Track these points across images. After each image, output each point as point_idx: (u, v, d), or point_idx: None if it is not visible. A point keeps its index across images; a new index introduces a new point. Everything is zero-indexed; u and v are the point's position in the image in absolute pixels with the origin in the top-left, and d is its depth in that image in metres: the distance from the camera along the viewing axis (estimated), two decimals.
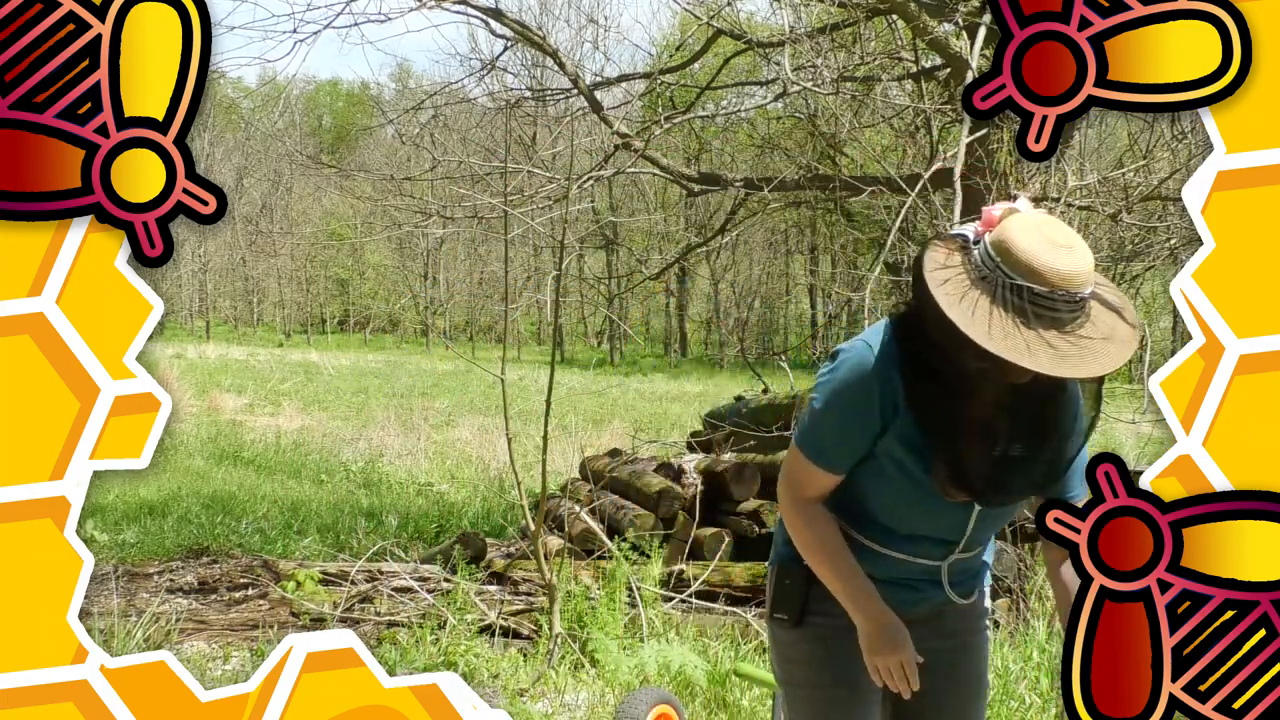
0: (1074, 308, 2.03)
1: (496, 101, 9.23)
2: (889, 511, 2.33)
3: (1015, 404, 2.18)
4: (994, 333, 2.01)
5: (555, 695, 5.00)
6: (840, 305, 9.85)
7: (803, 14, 8.28)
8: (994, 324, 2.02)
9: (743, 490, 6.96)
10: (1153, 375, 1.93)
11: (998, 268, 2.06)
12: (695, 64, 10.36)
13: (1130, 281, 11.14)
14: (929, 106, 7.95)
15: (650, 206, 23.19)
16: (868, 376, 2.22)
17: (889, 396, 2.21)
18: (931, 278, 2.09)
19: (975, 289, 2.06)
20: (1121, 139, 9.93)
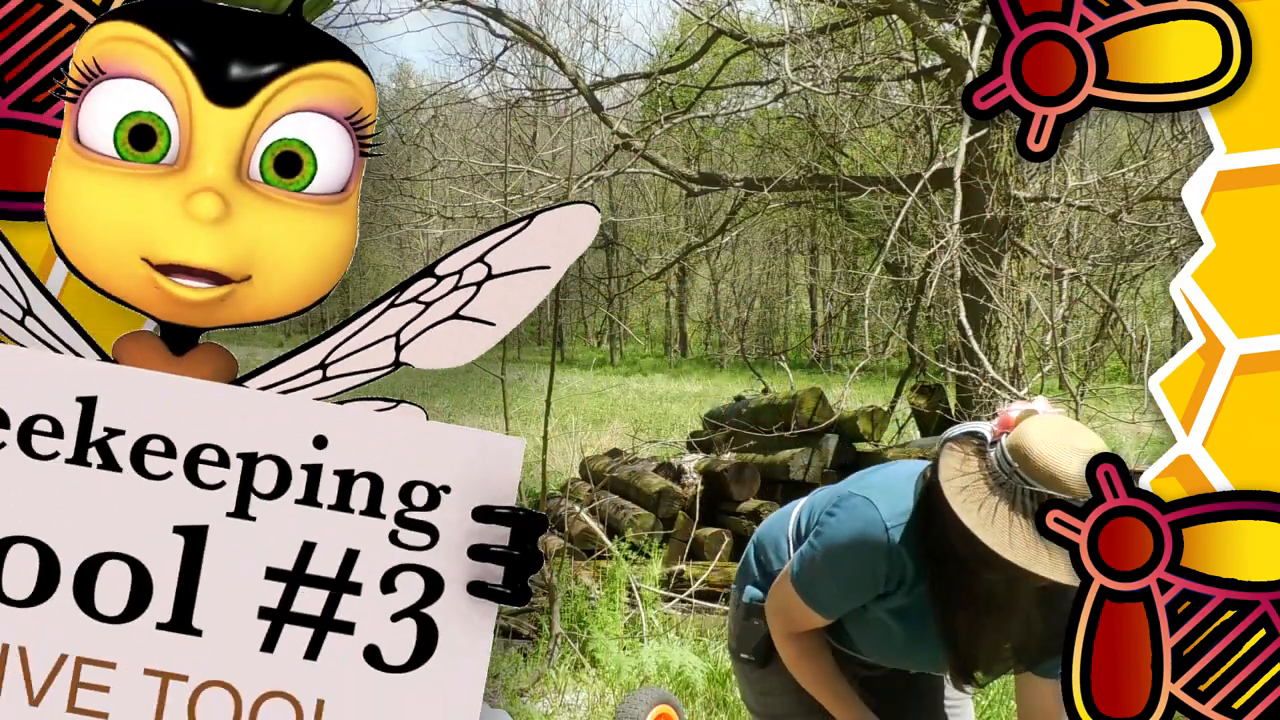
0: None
1: (496, 101, 9.23)
2: (872, 651, 2.31)
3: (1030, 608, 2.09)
4: (1015, 542, 1.93)
5: (555, 695, 5.00)
6: (840, 305, 9.84)
7: (803, 14, 8.29)
8: (1014, 533, 1.94)
9: (743, 490, 6.96)
10: (1153, 375, 1.93)
11: (1015, 473, 1.97)
12: (695, 64, 10.36)
13: (1130, 281, 11.15)
14: (929, 106, 7.96)
15: (650, 206, 23.22)
16: (875, 554, 2.11)
17: (895, 575, 2.12)
18: (949, 485, 1.98)
19: (994, 495, 1.97)
20: (1121, 139, 9.94)
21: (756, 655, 2.39)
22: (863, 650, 2.32)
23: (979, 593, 2.05)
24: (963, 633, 2.11)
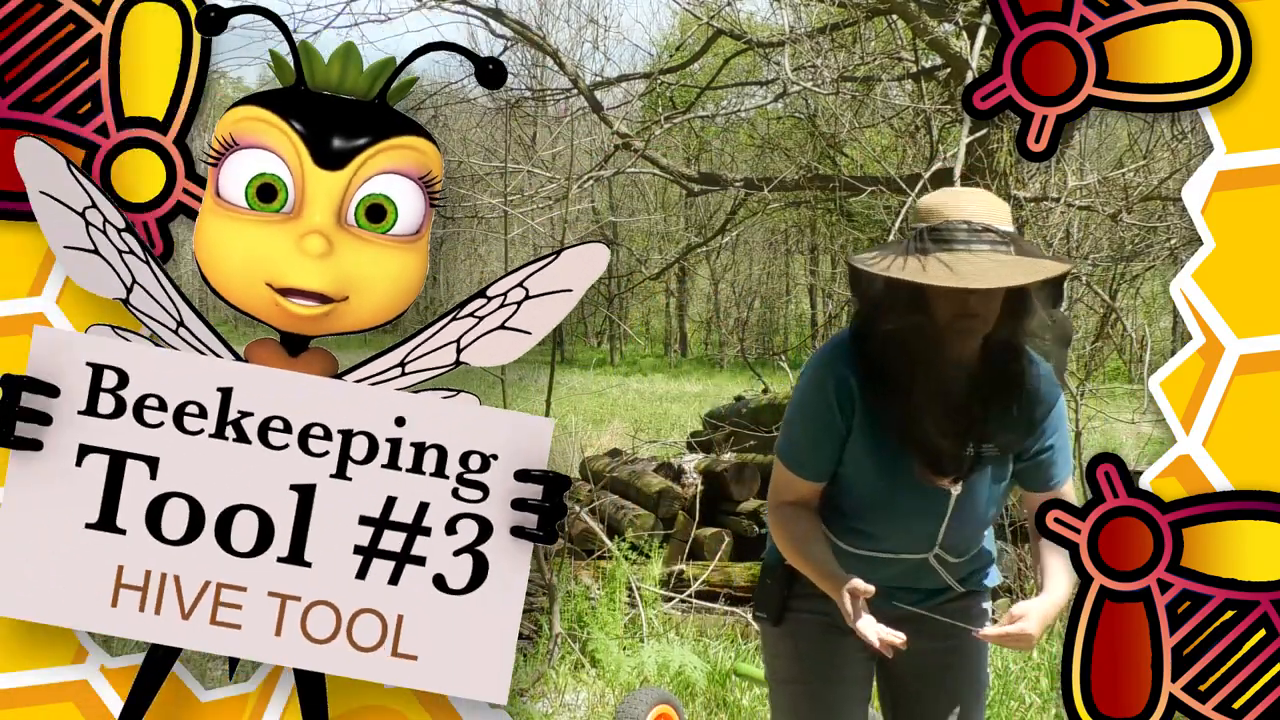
0: (971, 236, 2.12)
1: (496, 101, 9.23)
2: (864, 515, 2.34)
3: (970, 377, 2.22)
4: (894, 268, 2.14)
5: (555, 695, 5.00)
6: (840, 305, 9.86)
7: (803, 14, 8.28)
8: (897, 265, 2.14)
9: (743, 490, 6.96)
10: (1153, 375, 1.93)
11: (911, 230, 2.20)
12: (695, 64, 10.35)
13: (1130, 281, 11.14)
14: (929, 106, 7.95)
15: (650, 206, 23.20)
16: (822, 375, 2.28)
17: (845, 392, 2.25)
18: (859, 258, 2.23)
19: (892, 253, 2.18)
20: (1121, 139, 9.94)
21: (769, 614, 2.46)
22: (864, 518, 2.34)
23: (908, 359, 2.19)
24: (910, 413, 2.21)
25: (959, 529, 2.36)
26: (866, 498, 2.33)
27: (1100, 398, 8.12)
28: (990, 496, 2.38)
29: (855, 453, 2.29)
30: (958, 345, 2.20)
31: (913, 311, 2.18)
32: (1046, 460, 2.35)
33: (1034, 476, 2.37)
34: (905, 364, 2.20)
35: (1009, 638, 2.19)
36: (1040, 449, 2.34)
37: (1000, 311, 2.19)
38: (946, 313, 2.17)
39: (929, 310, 2.17)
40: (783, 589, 2.44)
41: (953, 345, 2.20)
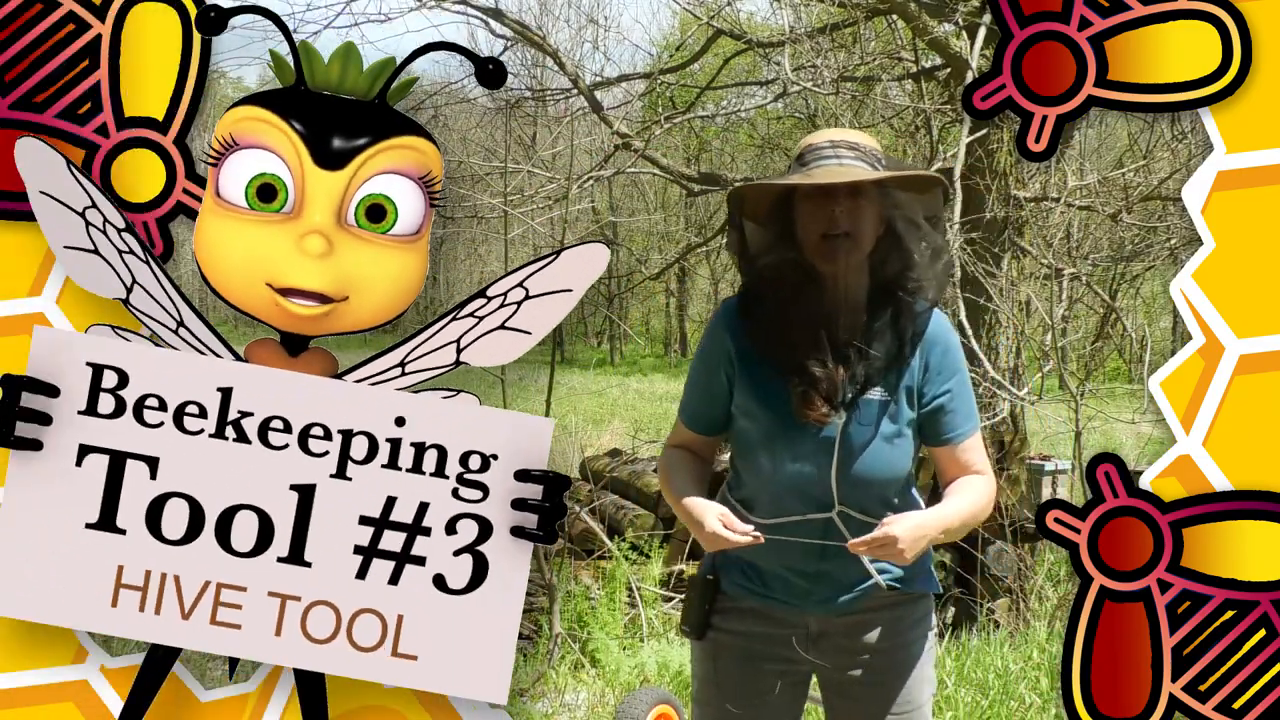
0: (832, 151, 2.19)
1: (496, 101, 9.23)
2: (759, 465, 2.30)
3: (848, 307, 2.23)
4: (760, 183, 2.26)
5: (555, 695, 5.00)
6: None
7: (803, 14, 8.28)
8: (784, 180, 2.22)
9: None
10: (1153, 375, 1.93)
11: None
12: (695, 64, 10.35)
13: (1130, 281, 11.14)
14: (929, 106, 7.95)
15: (650, 206, 23.20)
16: (713, 325, 2.36)
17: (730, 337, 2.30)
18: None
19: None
20: (1121, 139, 9.94)
21: (691, 628, 2.42)
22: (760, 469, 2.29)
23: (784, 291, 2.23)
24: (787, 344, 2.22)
25: (856, 480, 2.26)
26: (758, 442, 2.29)
27: (1100, 398, 8.13)
28: (886, 446, 2.28)
29: (742, 397, 2.29)
30: (833, 271, 2.19)
31: (784, 242, 2.22)
32: (942, 407, 2.29)
33: (932, 427, 2.31)
34: (782, 296, 2.23)
35: (875, 542, 2.12)
36: (936, 394, 2.29)
37: (875, 234, 2.21)
38: (815, 233, 2.18)
39: (800, 240, 2.20)
40: (704, 603, 2.39)
41: (829, 272, 2.20)
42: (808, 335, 2.21)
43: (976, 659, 5.46)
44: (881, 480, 2.29)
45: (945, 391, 2.29)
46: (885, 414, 2.27)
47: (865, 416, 2.25)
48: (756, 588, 2.35)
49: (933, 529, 2.20)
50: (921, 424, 2.31)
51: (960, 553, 6.57)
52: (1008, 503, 6.49)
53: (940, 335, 2.30)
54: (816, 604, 2.32)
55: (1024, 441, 7.02)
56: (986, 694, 4.97)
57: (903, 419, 2.28)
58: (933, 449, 2.36)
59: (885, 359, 2.24)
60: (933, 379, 2.29)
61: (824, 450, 2.24)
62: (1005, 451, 6.66)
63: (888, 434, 2.28)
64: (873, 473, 2.27)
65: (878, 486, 2.29)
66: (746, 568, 2.36)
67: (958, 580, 6.71)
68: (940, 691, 5.01)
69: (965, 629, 6.31)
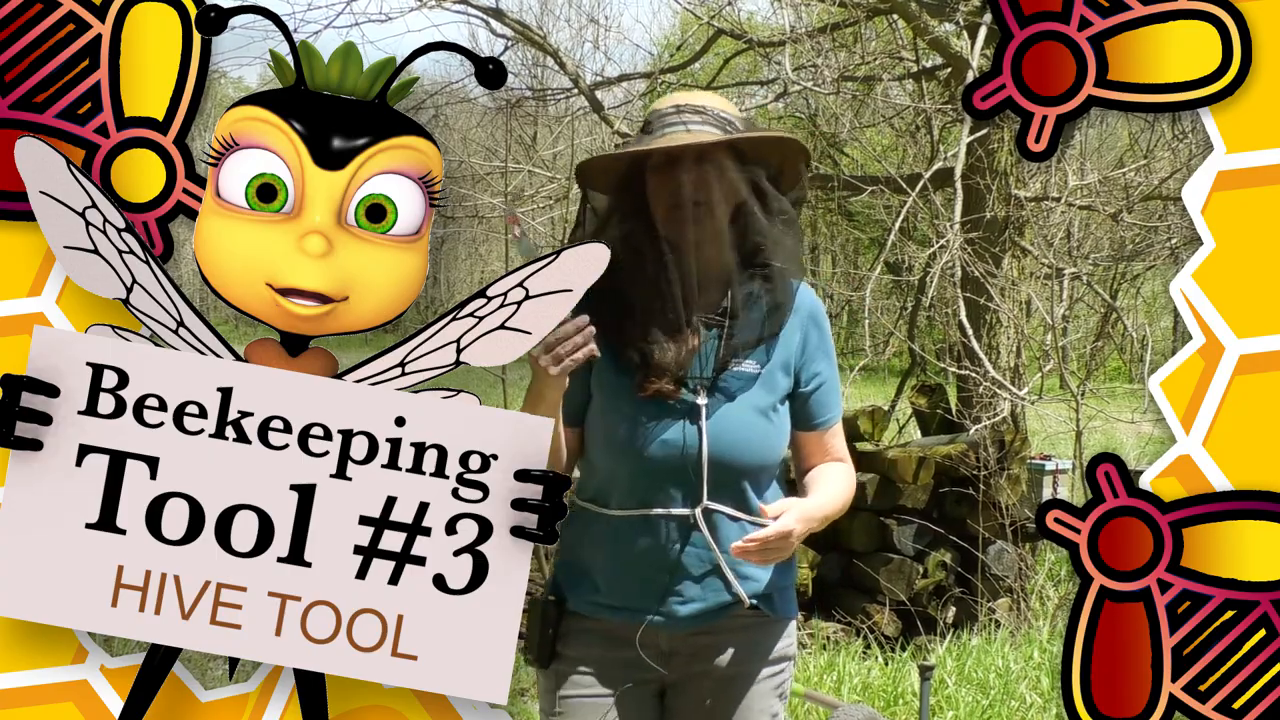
0: (679, 117, 2.13)
1: (497, 101, 9.23)
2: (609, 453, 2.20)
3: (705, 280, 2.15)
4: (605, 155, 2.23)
5: None
6: (841, 305, 9.87)
7: (803, 14, 8.28)
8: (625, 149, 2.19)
9: None
10: (1153, 375, 1.93)
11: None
12: (696, 64, 10.35)
13: (1131, 281, 11.13)
14: (930, 106, 7.95)
15: None
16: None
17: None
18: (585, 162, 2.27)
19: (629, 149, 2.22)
20: (1122, 138, 9.93)
21: (535, 655, 2.25)
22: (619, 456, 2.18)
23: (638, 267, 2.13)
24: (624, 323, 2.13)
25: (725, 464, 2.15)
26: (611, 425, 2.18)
27: (1101, 397, 8.13)
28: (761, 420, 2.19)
29: (597, 377, 2.19)
30: (685, 242, 2.12)
31: (636, 216, 2.16)
32: (819, 388, 2.24)
33: (806, 410, 2.24)
34: (632, 271, 2.11)
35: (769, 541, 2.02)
36: (814, 374, 2.24)
37: (732, 201, 2.15)
38: (664, 204, 2.13)
39: (650, 213, 2.14)
40: (548, 627, 2.22)
41: (681, 244, 2.12)
42: (655, 308, 2.14)
43: (977, 659, 5.46)
44: (754, 465, 2.18)
45: (821, 373, 2.25)
46: (758, 385, 2.18)
47: (733, 388, 2.17)
48: (605, 601, 2.20)
49: (815, 519, 2.14)
50: (795, 407, 2.24)
51: (961, 552, 6.57)
52: (1008, 502, 6.50)
53: (819, 314, 2.26)
54: (669, 620, 2.18)
55: (1024, 441, 7.02)
56: (987, 693, 4.97)
57: (778, 391, 2.21)
58: (800, 434, 2.27)
59: (752, 331, 2.17)
60: (812, 358, 2.24)
61: (688, 435, 2.15)
62: (1006, 451, 6.66)
63: (762, 406, 2.19)
64: (744, 454, 2.16)
65: (750, 472, 2.18)
66: (594, 582, 2.22)
67: (958, 580, 6.71)
68: (941, 691, 5.01)
69: (966, 628, 6.31)
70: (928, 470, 6.85)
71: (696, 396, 2.16)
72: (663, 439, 2.16)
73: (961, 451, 6.75)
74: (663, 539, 2.17)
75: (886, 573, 6.55)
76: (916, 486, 6.79)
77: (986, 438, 6.61)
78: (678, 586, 2.18)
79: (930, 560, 6.70)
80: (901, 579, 6.56)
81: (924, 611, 6.46)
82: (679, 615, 2.18)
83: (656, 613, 2.18)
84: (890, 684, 5.26)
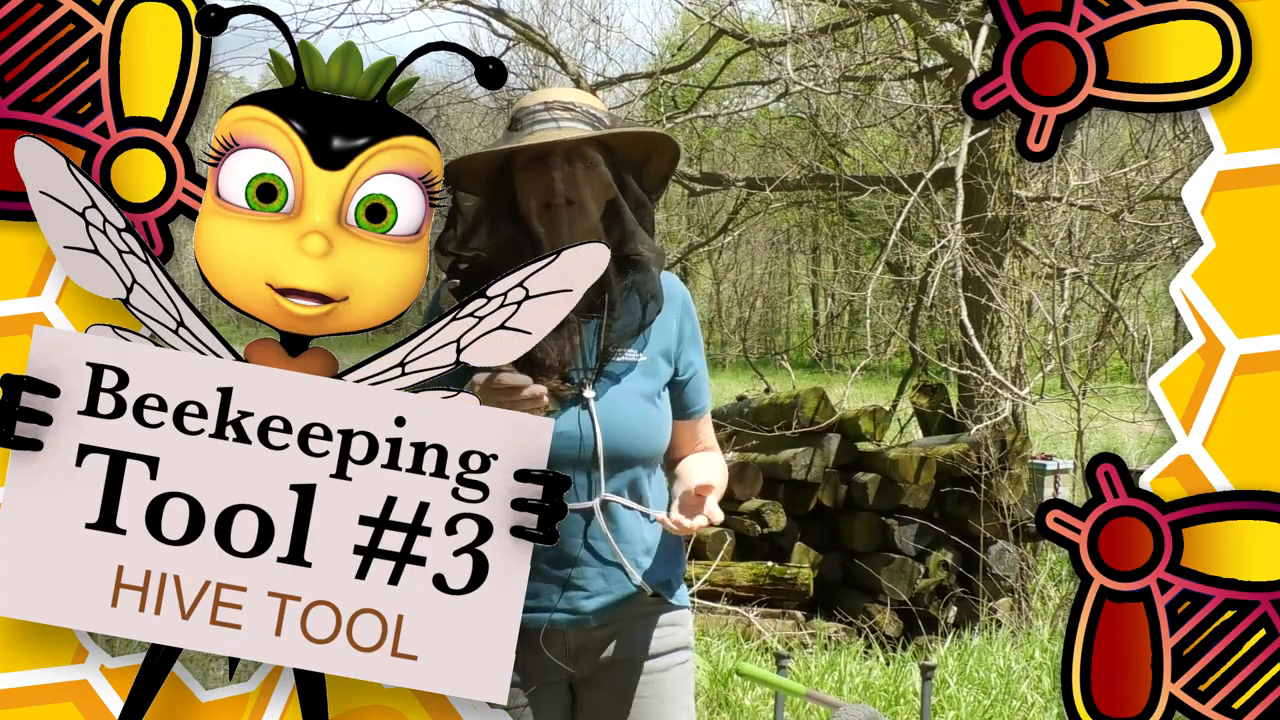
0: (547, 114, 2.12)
1: (499, 101, 9.23)
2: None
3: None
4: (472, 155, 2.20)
5: None
6: (842, 305, 9.86)
7: (804, 14, 8.28)
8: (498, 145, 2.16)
9: (745, 490, 6.97)
10: (1153, 375, 1.93)
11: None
12: (697, 64, 10.36)
13: (1132, 281, 11.13)
14: (931, 106, 7.95)
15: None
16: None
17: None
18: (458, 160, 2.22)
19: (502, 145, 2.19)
20: (1123, 138, 9.94)
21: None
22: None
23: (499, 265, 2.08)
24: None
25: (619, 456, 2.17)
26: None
27: (1102, 397, 8.13)
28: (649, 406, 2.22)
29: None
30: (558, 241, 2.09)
31: (508, 217, 2.16)
32: (695, 376, 2.28)
33: (682, 399, 2.28)
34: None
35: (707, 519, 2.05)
36: (690, 363, 2.27)
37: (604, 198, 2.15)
38: (536, 203, 2.13)
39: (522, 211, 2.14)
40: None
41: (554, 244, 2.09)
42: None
43: (979, 658, 5.47)
44: (647, 452, 2.22)
45: (694, 362, 2.28)
46: (641, 373, 2.21)
47: (618, 376, 2.19)
48: None
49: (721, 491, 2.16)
50: (672, 396, 2.27)
51: (963, 552, 6.57)
52: (1009, 502, 6.50)
53: (689, 303, 2.29)
54: (575, 615, 2.20)
55: (1026, 441, 7.02)
56: (989, 693, 4.97)
57: (661, 378, 2.24)
58: (676, 423, 2.29)
59: (631, 320, 2.19)
60: (688, 346, 2.27)
61: (583, 425, 2.17)
62: (1007, 451, 6.66)
63: (647, 393, 2.22)
64: (636, 441, 2.20)
65: (643, 459, 2.21)
66: None
67: (960, 580, 6.71)
68: (942, 691, 5.01)
69: (968, 628, 6.31)
70: (929, 470, 6.85)
71: (583, 389, 2.18)
72: (559, 432, 2.11)
73: (963, 451, 6.75)
74: (564, 533, 2.13)
75: (888, 573, 6.55)
76: (918, 486, 6.80)
77: (988, 438, 6.62)
78: (580, 581, 2.20)
79: (931, 560, 6.70)
80: (903, 579, 6.56)
81: (925, 611, 6.46)
82: (585, 610, 2.21)
83: (561, 609, 2.20)
84: (891, 684, 5.27)
